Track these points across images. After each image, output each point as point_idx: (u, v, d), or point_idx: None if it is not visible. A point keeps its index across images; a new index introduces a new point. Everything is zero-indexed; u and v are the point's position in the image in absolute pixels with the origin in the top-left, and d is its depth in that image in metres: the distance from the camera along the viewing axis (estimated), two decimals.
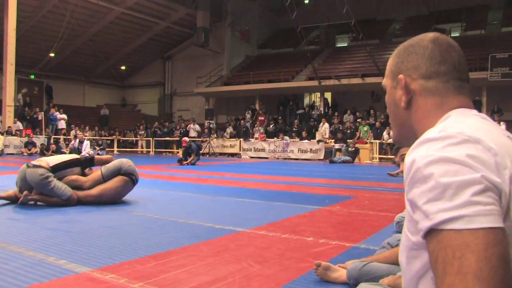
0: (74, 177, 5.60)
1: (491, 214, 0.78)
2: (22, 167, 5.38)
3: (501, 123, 18.39)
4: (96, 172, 5.77)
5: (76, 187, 5.54)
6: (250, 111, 27.10)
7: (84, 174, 5.82)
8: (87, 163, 5.87)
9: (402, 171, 2.02)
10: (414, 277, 0.95)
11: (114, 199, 5.67)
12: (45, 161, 5.42)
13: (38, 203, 5.38)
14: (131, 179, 5.81)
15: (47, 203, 5.32)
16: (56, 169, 5.41)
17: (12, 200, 5.50)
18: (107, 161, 5.99)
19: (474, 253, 0.76)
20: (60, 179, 5.44)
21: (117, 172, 5.73)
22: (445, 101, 1.05)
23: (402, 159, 2.94)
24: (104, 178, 5.67)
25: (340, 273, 2.68)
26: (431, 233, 0.82)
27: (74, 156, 5.92)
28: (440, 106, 1.05)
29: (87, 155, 6.41)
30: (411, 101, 1.09)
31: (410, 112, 1.10)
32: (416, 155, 0.88)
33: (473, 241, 0.77)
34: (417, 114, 1.08)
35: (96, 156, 6.20)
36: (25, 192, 5.24)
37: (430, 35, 1.12)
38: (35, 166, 5.27)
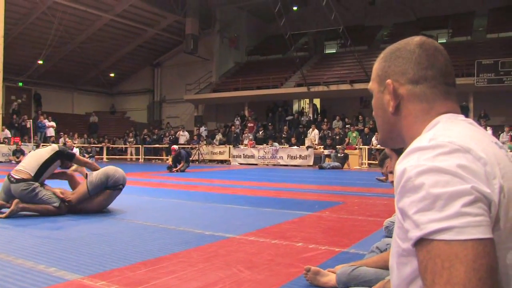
0: (59, 190, 5.40)
1: (481, 226, 0.79)
2: (4, 181, 5.27)
3: (488, 128, 18.60)
4: (82, 186, 5.51)
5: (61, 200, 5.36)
6: (239, 118, 27.12)
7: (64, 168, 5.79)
8: (66, 157, 5.62)
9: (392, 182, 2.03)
10: (403, 282, 0.96)
11: (100, 210, 5.65)
12: (25, 172, 5.22)
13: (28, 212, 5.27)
14: (118, 189, 5.69)
15: (38, 211, 5.19)
16: (39, 175, 5.27)
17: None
18: (87, 165, 5.87)
19: (463, 264, 0.77)
20: (43, 184, 5.36)
21: (104, 185, 5.49)
22: (433, 107, 1.05)
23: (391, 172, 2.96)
24: (90, 193, 5.45)
25: (330, 277, 2.70)
26: (421, 242, 0.82)
27: (53, 148, 5.62)
28: (427, 112, 1.05)
29: (68, 149, 6.14)
30: (399, 106, 1.08)
31: (398, 117, 1.09)
32: (407, 164, 0.88)
33: (462, 252, 0.77)
34: (405, 119, 1.08)
35: (78, 156, 5.96)
36: (16, 201, 5.05)
37: (417, 39, 1.11)
38: (17, 180, 5.12)
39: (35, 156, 5.46)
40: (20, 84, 29.16)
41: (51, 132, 24.83)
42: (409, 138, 1.06)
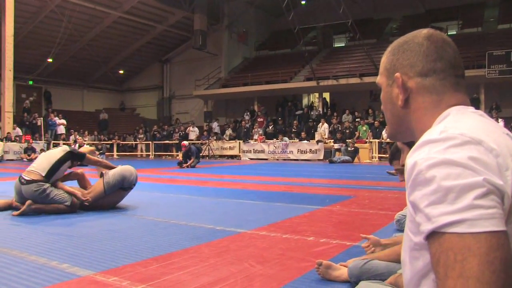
0: (77, 190, 5.44)
1: (494, 218, 0.78)
2: (16, 182, 5.23)
3: (499, 120, 18.45)
4: (99, 186, 5.54)
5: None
6: (249, 113, 27.12)
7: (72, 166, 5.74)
8: (76, 158, 5.61)
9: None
10: (415, 276, 0.95)
11: (112, 207, 5.70)
12: (36, 172, 5.19)
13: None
14: (130, 188, 5.79)
15: (51, 211, 5.16)
16: (50, 175, 5.25)
17: (9, 209, 5.36)
18: (97, 164, 5.88)
19: (476, 257, 0.76)
20: (55, 184, 5.34)
21: (120, 186, 5.58)
22: (443, 99, 1.04)
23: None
24: (106, 193, 5.51)
25: (342, 271, 2.69)
26: (433, 235, 0.82)
27: (64, 149, 5.60)
28: (437, 104, 1.04)
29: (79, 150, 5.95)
30: (408, 99, 1.07)
31: (408, 110, 1.08)
32: (417, 157, 0.87)
33: (475, 244, 0.76)
34: (414, 113, 1.07)
35: (88, 156, 5.82)
36: (28, 202, 5.03)
37: (425, 31, 1.10)
38: (28, 182, 5.10)
39: (46, 157, 5.44)
40: (31, 82, 29.37)
41: (61, 129, 25.02)
42: (419, 131, 1.04)
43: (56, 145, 22.19)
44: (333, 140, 21.04)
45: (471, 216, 0.78)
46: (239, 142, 23.16)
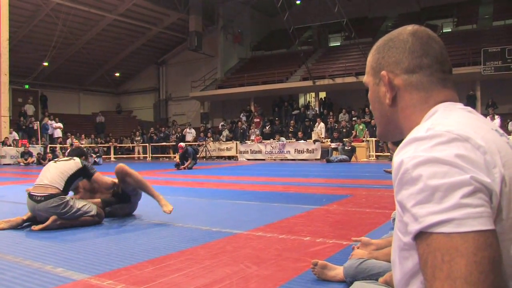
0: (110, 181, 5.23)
1: (481, 217, 0.77)
2: (27, 201, 4.69)
3: (496, 116, 18.47)
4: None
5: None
6: (245, 114, 27.10)
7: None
8: (86, 176, 5.18)
9: None
10: (405, 276, 0.93)
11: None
12: (52, 187, 4.70)
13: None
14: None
15: (78, 225, 4.72)
16: (67, 189, 4.85)
17: (19, 227, 4.74)
18: (104, 185, 5.35)
19: (463, 257, 0.75)
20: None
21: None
22: (431, 95, 1.02)
23: None
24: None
25: (337, 271, 2.68)
26: (420, 236, 0.80)
27: (77, 164, 5.06)
28: (425, 101, 1.02)
29: (91, 166, 5.33)
30: (396, 97, 1.06)
31: (396, 109, 1.07)
32: (404, 156, 0.86)
33: (462, 244, 0.75)
34: (403, 111, 1.06)
35: (96, 175, 5.21)
36: (53, 217, 4.54)
37: (409, 28, 1.09)
38: (46, 197, 4.58)
39: (57, 170, 4.94)
40: (27, 86, 29.32)
41: (58, 133, 24.98)
42: (408, 129, 1.02)
43: (53, 149, 22.17)
44: (330, 139, 21.06)
45: (458, 215, 0.77)
46: (236, 143, 23.15)
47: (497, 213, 0.81)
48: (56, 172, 4.88)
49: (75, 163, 5.06)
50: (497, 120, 18.37)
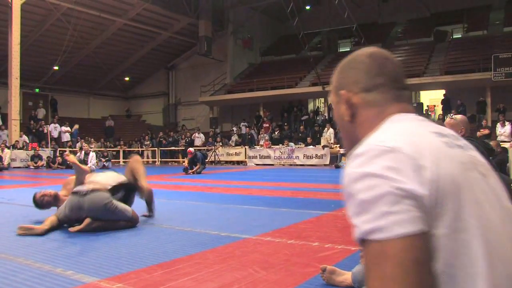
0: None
1: (405, 222, 0.84)
2: (72, 198, 4.69)
3: (506, 123, 18.32)
4: None
5: None
6: (254, 119, 27.12)
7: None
8: (130, 190, 5.21)
9: None
10: None
11: None
12: (101, 183, 4.79)
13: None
14: None
15: (111, 227, 4.72)
16: (113, 193, 4.83)
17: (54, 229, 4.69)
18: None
19: (390, 260, 0.82)
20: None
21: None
22: (384, 110, 1.09)
23: None
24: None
25: (345, 276, 2.69)
26: (362, 243, 0.88)
27: (122, 179, 5.10)
28: (379, 116, 1.09)
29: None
30: (355, 114, 1.13)
31: (355, 125, 1.14)
32: (346, 172, 0.94)
33: (389, 249, 0.83)
34: (360, 126, 1.12)
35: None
36: (88, 220, 4.57)
37: (367, 50, 1.18)
38: (93, 191, 4.66)
39: (107, 175, 5.04)
40: (37, 90, 29.51)
41: (67, 137, 25.12)
42: None
43: (62, 153, 22.29)
44: (339, 145, 21.00)
45: (385, 223, 0.84)
46: (245, 148, 23.16)
47: (432, 210, 0.87)
48: (105, 177, 4.99)
49: (120, 178, 5.13)
50: (508, 127, 18.22)
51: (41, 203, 5.29)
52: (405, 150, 0.91)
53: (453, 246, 0.88)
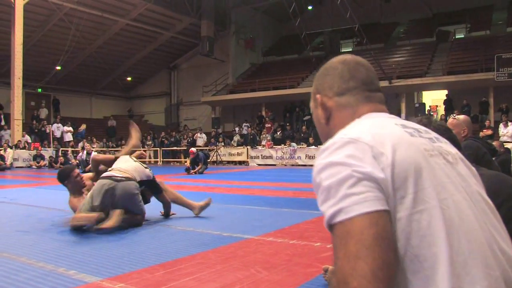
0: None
1: (365, 201, 0.90)
2: (103, 182, 4.69)
3: (509, 123, 18.29)
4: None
5: None
6: (256, 119, 27.09)
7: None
8: (150, 188, 5.30)
9: None
10: None
11: None
12: (131, 174, 4.84)
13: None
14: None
15: (132, 221, 4.81)
16: (141, 185, 4.95)
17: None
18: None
19: (352, 238, 0.87)
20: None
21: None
22: (356, 111, 1.17)
23: None
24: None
25: None
26: (330, 228, 0.94)
27: (145, 172, 5.14)
28: (351, 117, 1.16)
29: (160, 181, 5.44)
30: (330, 117, 1.21)
31: (330, 126, 1.21)
32: (314, 165, 1.01)
33: (351, 228, 0.88)
34: (335, 128, 1.17)
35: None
36: (118, 212, 4.60)
37: (341, 57, 1.25)
38: (127, 178, 4.73)
39: (133, 166, 5.04)
40: (39, 90, 29.54)
41: (69, 137, 25.15)
42: None
43: (65, 153, 22.30)
44: None
45: (346, 204, 0.90)
46: (247, 148, 23.15)
47: (393, 193, 0.93)
48: (133, 166, 5.03)
49: (149, 171, 5.22)
50: (510, 127, 18.18)
51: (69, 176, 5.13)
52: (365, 140, 0.98)
53: (415, 227, 0.92)
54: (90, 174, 5.46)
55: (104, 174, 4.85)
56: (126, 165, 4.99)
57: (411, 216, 0.92)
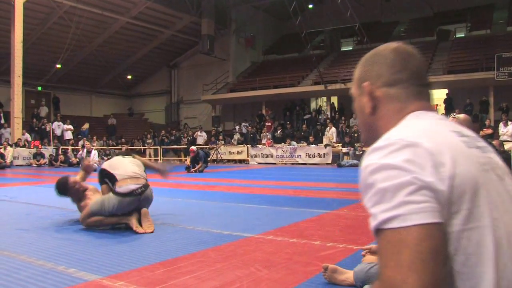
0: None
1: (424, 212, 0.87)
2: (125, 200, 4.58)
3: (509, 122, 18.28)
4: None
5: None
6: (256, 118, 27.08)
7: None
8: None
9: None
10: None
11: None
12: (143, 177, 4.83)
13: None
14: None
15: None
16: None
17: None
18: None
19: (407, 248, 0.84)
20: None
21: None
22: (405, 106, 1.12)
23: None
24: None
25: (347, 275, 2.69)
26: (378, 232, 0.91)
27: (141, 169, 5.06)
28: (400, 111, 1.12)
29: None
30: (376, 107, 1.17)
31: (375, 117, 1.17)
32: (365, 164, 0.98)
33: (406, 237, 0.85)
34: (381, 120, 1.16)
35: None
36: (146, 211, 4.69)
37: (393, 45, 1.20)
38: (145, 186, 4.72)
39: (134, 165, 4.97)
40: (39, 88, 29.53)
41: (69, 135, 25.15)
42: None
43: (64, 151, 22.30)
44: (341, 144, 20.99)
45: (403, 211, 0.87)
46: (247, 147, 23.15)
47: (448, 207, 0.90)
48: (135, 164, 4.96)
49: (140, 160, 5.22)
50: (510, 126, 18.17)
51: (68, 188, 5.04)
52: (425, 146, 0.94)
53: (464, 244, 0.90)
54: (81, 175, 5.32)
55: (122, 189, 4.62)
56: (132, 168, 4.85)
57: (462, 232, 0.90)
